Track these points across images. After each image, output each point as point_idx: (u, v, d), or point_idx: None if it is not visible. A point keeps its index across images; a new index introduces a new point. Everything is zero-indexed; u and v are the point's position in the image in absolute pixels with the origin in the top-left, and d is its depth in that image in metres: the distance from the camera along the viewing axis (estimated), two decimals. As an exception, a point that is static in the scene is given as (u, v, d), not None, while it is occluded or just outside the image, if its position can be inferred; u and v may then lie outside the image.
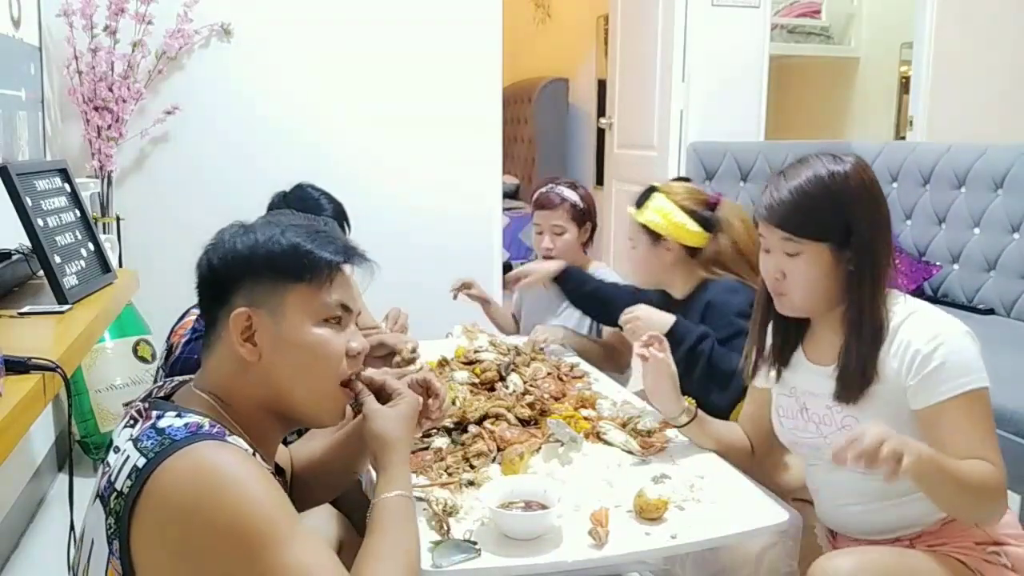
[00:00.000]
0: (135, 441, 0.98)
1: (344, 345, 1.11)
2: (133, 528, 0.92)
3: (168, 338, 1.68)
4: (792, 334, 1.45)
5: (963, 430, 1.24)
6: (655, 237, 1.96)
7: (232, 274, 1.07)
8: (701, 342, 1.78)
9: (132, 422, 1.04)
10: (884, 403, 1.31)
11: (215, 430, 0.98)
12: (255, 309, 1.05)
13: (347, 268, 1.13)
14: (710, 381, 1.76)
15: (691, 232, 1.93)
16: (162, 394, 1.10)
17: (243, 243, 1.08)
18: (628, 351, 2.37)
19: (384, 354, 1.92)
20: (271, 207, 2.18)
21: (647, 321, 1.82)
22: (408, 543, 1.07)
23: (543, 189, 2.48)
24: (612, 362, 2.34)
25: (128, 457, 0.97)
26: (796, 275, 1.35)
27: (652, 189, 2.01)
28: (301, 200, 2.14)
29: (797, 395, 1.44)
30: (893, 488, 1.28)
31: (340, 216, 2.16)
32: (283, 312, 1.06)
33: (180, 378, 1.15)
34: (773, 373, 1.47)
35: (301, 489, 1.30)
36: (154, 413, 1.01)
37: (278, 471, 1.14)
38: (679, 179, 2.20)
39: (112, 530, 0.94)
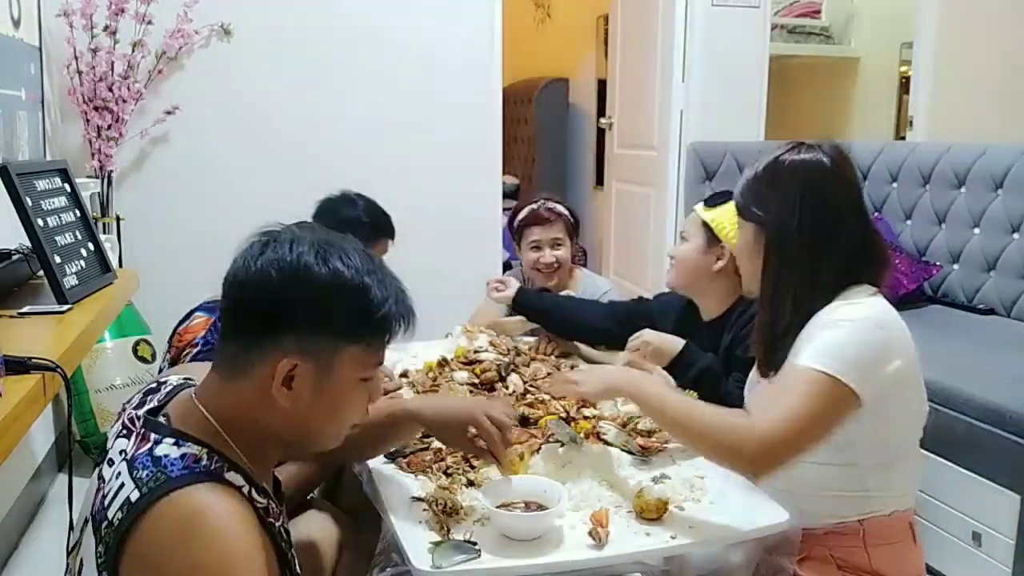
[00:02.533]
0: (130, 465, 0.95)
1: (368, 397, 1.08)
2: (121, 564, 0.91)
3: (170, 340, 1.65)
4: None
5: (773, 392, 1.30)
6: (712, 240, 1.89)
7: (296, 313, 0.98)
8: (705, 374, 1.76)
9: (126, 431, 1.02)
10: None
11: (214, 466, 0.95)
12: (304, 360, 0.98)
13: None
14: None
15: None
16: (156, 402, 1.05)
17: (310, 283, 0.97)
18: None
19: None
20: (361, 215, 2.12)
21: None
22: None
23: (533, 206, 2.50)
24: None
25: (123, 484, 0.94)
26: (738, 254, 1.50)
27: (728, 194, 1.93)
28: (375, 209, 2.14)
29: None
30: (806, 476, 1.35)
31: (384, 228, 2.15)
32: (331, 368, 1.00)
33: (176, 380, 1.11)
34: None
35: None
36: (152, 436, 0.97)
37: (276, 485, 1.11)
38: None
39: (102, 559, 0.92)
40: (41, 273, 1.71)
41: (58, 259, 1.69)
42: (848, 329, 1.29)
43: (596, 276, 2.65)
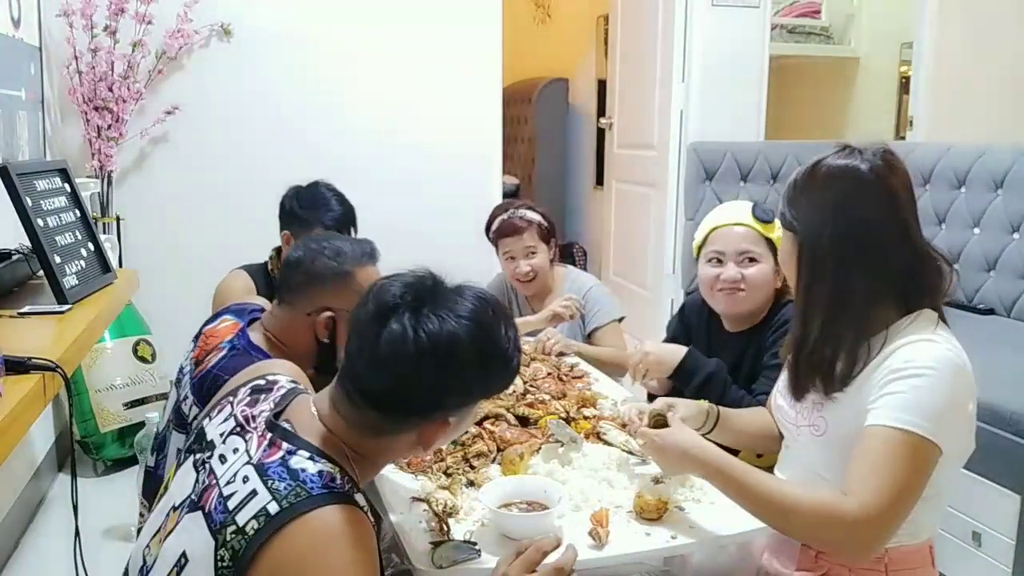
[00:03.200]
0: (261, 472, 0.97)
1: None
2: (250, 573, 0.91)
3: (196, 339, 1.63)
4: None
5: (866, 460, 1.15)
6: (776, 257, 1.75)
7: (441, 400, 1.03)
8: (710, 381, 1.68)
9: (239, 428, 1.04)
10: (853, 414, 1.23)
11: (347, 487, 0.98)
12: (452, 420, 1.06)
13: None
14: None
15: None
16: (271, 404, 1.07)
17: (462, 369, 1.01)
18: (625, 346, 2.36)
19: None
20: (284, 201, 2.19)
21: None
22: None
23: (503, 216, 2.44)
24: (616, 367, 2.31)
25: (255, 492, 0.95)
26: (781, 262, 1.41)
27: (759, 204, 1.84)
28: (312, 198, 2.15)
29: None
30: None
31: (349, 219, 2.16)
32: (468, 415, 1.10)
33: (285, 381, 1.13)
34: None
35: None
36: (284, 445, 1.00)
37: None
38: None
39: (226, 564, 0.92)
40: (41, 273, 1.72)
41: (58, 259, 1.69)
42: (933, 380, 1.16)
43: (581, 274, 2.59)
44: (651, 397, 1.93)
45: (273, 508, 0.92)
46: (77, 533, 1.48)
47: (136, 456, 2.36)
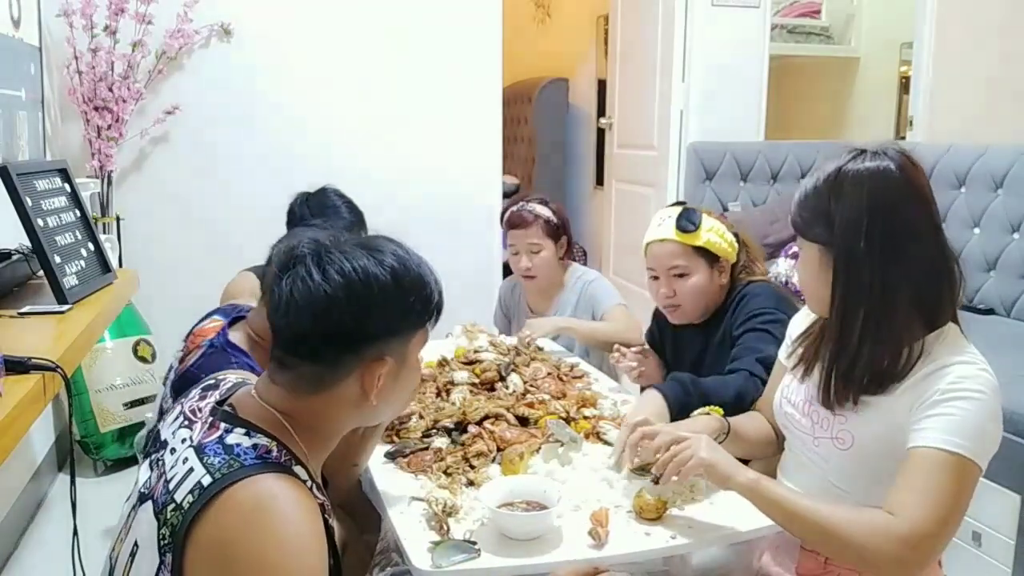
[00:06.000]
0: (199, 451, 0.98)
1: None
2: (189, 544, 0.92)
3: (186, 338, 1.64)
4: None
5: (915, 481, 1.13)
6: (712, 260, 1.82)
7: (366, 328, 1.01)
8: (688, 396, 1.62)
9: (187, 422, 1.04)
10: (884, 429, 1.23)
11: (283, 458, 0.98)
12: (389, 358, 1.04)
13: None
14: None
15: (734, 247, 1.86)
16: (217, 396, 1.09)
17: (377, 292, 1.00)
18: (636, 327, 2.32)
19: None
20: (294, 208, 2.16)
21: (649, 417, 1.50)
22: None
23: (513, 208, 2.43)
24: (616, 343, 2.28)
25: (192, 469, 0.96)
26: (801, 275, 1.34)
27: (687, 209, 1.85)
28: (321, 204, 2.13)
29: (810, 387, 1.36)
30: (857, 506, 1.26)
31: (359, 224, 2.14)
32: (406, 356, 1.08)
33: (234, 378, 1.15)
34: (801, 364, 1.38)
35: None
36: (221, 425, 1.01)
37: (324, 482, 1.14)
38: (676, 204, 2.00)
39: (166, 542, 0.93)
40: (41, 273, 1.72)
41: (58, 259, 1.69)
42: (981, 403, 1.16)
43: (588, 271, 2.58)
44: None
45: (207, 481, 0.93)
46: (75, 533, 1.48)
47: (136, 456, 2.37)
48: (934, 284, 1.22)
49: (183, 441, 1.02)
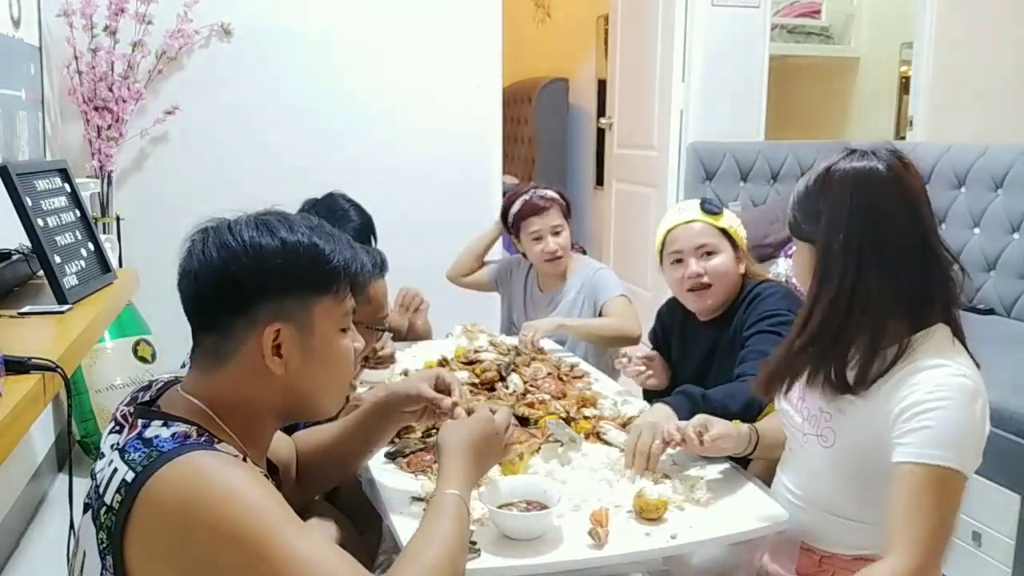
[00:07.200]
0: (121, 452, 0.97)
1: (353, 347, 1.13)
2: (127, 543, 0.91)
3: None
4: None
5: (900, 503, 1.13)
6: (734, 245, 1.85)
7: (258, 286, 1.02)
8: (698, 410, 1.56)
9: (117, 427, 1.04)
10: (862, 427, 1.23)
11: (203, 439, 0.97)
12: (284, 323, 1.02)
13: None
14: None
15: (746, 242, 1.89)
16: (147, 397, 1.08)
17: (261, 253, 1.02)
18: (634, 319, 2.33)
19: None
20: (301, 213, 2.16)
21: (654, 424, 1.51)
22: (449, 534, 1.06)
23: (525, 197, 2.43)
24: (618, 339, 2.28)
25: (116, 470, 0.95)
26: (796, 275, 1.34)
27: (705, 201, 1.89)
28: (328, 209, 2.12)
29: (802, 383, 1.36)
30: (841, 505, 1.28)
31: (368, 230, 2.13)
32: (310, 325, 1.05)
33: (166, 377, 1.14)
34: None
35: (311, 473, 1.32)
36: (140, 422, 1.00)
37: (270, 469, 1.13)
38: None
39: (104, 545, 0.93)
40: (41, 273, 1.71)
41: (58, 259, 1.69)
42: (954, 410, 1.14)
43: (592, 260, 2.60)
44: (648, 397, 1.93)
45: (129, 477, 0.93)
46: (75, 532, 1.47)
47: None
48: (921, 285, 1.22)
49: (112, 447, 1.01)
